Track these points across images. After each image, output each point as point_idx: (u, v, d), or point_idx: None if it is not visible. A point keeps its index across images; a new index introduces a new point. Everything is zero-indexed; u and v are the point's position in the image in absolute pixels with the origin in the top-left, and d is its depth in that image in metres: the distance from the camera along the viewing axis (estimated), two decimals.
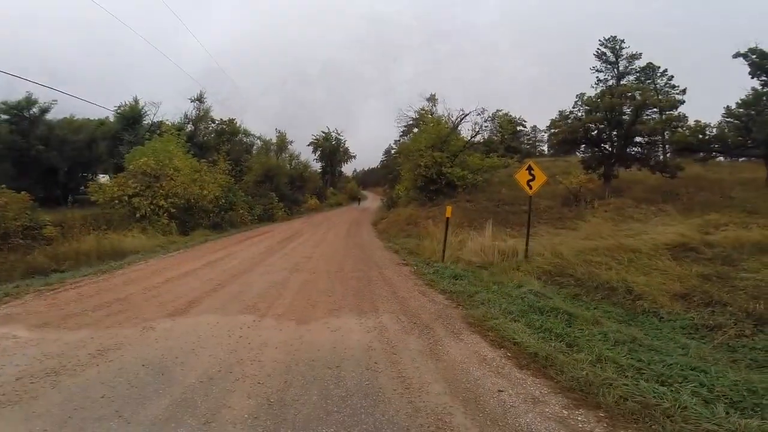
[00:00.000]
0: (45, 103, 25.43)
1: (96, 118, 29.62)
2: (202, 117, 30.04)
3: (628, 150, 19.19)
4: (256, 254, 10.36)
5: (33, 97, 24.79)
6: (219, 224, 17.62)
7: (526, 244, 8.20)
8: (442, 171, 20.25)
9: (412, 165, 21.65)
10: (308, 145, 57.44)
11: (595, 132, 19.75)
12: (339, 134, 59.88)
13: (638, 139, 19.09)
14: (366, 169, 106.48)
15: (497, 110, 24.99)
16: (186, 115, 29.08)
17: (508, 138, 29.08)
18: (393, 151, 46.09)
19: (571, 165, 23.89)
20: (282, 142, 40.52)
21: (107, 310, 5.11)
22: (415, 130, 29.82)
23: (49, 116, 26.50)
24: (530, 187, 8.30)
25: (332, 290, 6.46)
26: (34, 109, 25.26)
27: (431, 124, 23.12)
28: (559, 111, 21.63)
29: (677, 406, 2.73)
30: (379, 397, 3.00)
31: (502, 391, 3.10)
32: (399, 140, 38.11)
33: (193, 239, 14.08)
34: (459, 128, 23.11)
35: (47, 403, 2.80)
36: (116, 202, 14.98)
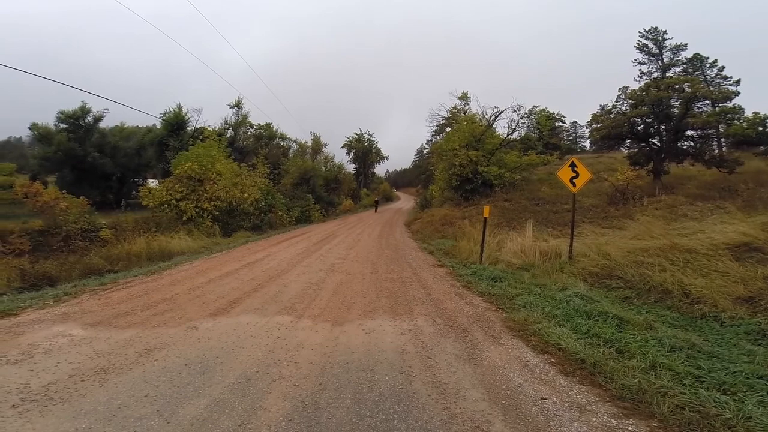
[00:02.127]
0: (98, 111, 27.39)
1: (144, 126, 31.54)
2: (241, 122, 31.16)
3: (678, 144, 18.00)
4: (293, 255, 10.54)
5: (87, 106, 26.75)
6: (259, 226, 18.16)
7: (570, 245, 7.81)
8: (477, 170, 19.81)
9: (447, 164, 21.34)
10: (342, 147, 58.48)
11: (642, 126, 18.67)
12: (371, 135, 60.51)
13: (690, 132, 17.88)
14: (398, 169, 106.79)
15: (534, 106, 24.16)
16: (226, 121, 30.30)
17: (546, 134, 28.07)
18: (425, 151, 45.84)
19: (616, 161, 22.71)
20: (317, 145, 41.32)
21: (154, 310, 5.32)
22: (448, 129, 29.44)
23: (101, 124, 28.54)
24: (574, 185, 7.91)
25: (366, 292, 6.45)
26: (89, 118, 27.21)
27: (464, 123, 22.69)
28: (601, 105, 20.68)
29: (740, 416, 2.54)
30: (412, 402, 2.93)
31: (545, 399, 2.96)
32: (431, 140, 37.85)
33: (235, 241, 14.53)
34: (494, 126, 22.54)
35: (94, 401, 2.89)
36: (164, 205, 15.83)
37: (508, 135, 22.17)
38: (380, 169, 75.66)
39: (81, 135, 26.78)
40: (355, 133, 59.60)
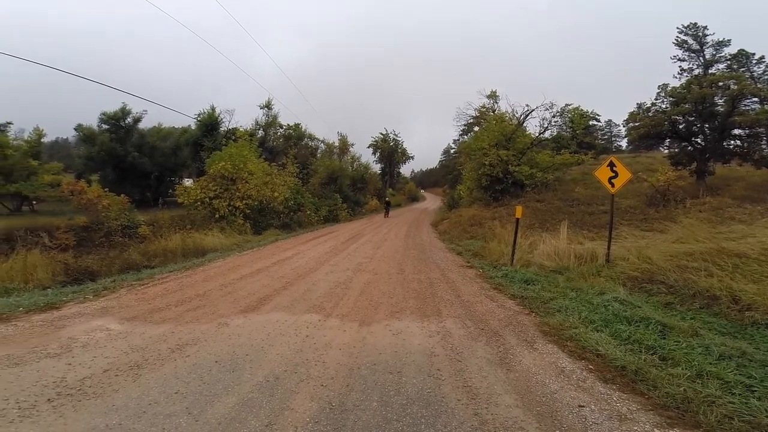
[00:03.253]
0: (137, 113, 28.64)
1: (179, 127, 32.73)
2: (271, 123, 31.79)
3: (724, 144, 16.96)
4: (321, 254, 10.64)
5: (127, 107, 28.04)
6: (288, 224, 18.48)
7: (608, 247, 7.47)
8: (508, 169, 19.37)
9: (475, 164, 20.98)
10: (368, 147, 58.64)
11: (684, 125, 17.72)
12: (396, 135, 60.35)
13: (737, 131, 16.81)
14: (424, 169, 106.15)
15: (566, 104, 23.33)
16: (257, 122, 31.01)
17: (580, 133, 27.10)
18: (452, 151, 45.30)
19: (655, 161, 21.67)
20: (344, 145, 41.67)
21: (188, 306, 5.45)
22: (476, 128, 28.96)
23: (140, 125, 29.86)
24: (612, 185, 7.56)
25: (393, 292, 6.39)
26: (129, 119, 28.52)
27: (494, 122, 22.23)
28: (638, 104, 19.71)
29: None
30: (441, 406, 2.85)
31: (583, 407, 2.84)
32: (458, 139, 37.33)
33: (265, 238, 14.83)
34: (524, 125, 21.96)
35: (126, 397, 2.92)
36: (199, 203, 16.37)
37: (539, 134, 21.56)
38: (406, 169, 75.33)
39: (122, 135, 28.11)
40: (381, 133, 59.67)
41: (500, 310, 5.46)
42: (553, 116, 21.63)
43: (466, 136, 33.68)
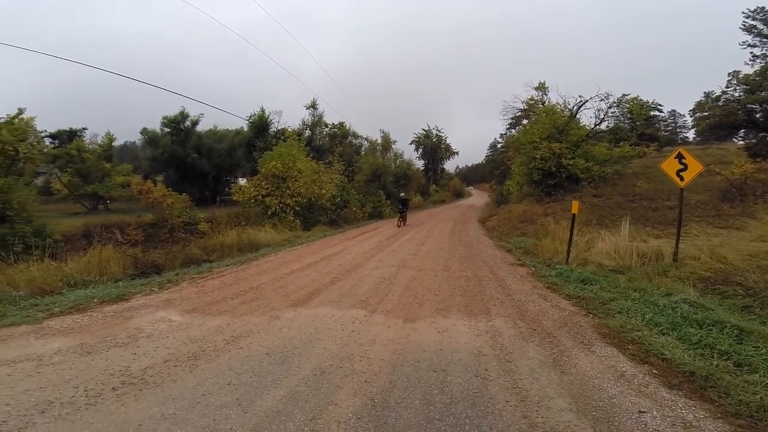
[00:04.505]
0: (194, 116, 30.45)
1: (233, 129, 34.40)
2: (317, 122, 32.58)
3: None
4: (367, 250, 10.75)
5: (185, 111, 29.88)
6: (335, 221, 18.90)
7: (676, 246, 6.87)
8: (561, 163, 18.40)
9: (526, 158, 20.13)
10: (410, 144, 58.30)
11: (761, 114, 15.94)
12: (439, 131, 59.45)
13: None
14: (469, 165, 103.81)
15: (623, 94, 21.67)
16: (303, 122, 31.92)
17: (641, 125, 25.13)
18: (499, 145, 43.85)
19: (728, 153, 19.65)
20: (386, 142, 41.76)
21: (243, 298, 5.70)
22: (525, 121, 27.80)
23: (198, 128, 31.71)
24: (681, 179, 6.92)
25: (439, 289, 6.31)
26: (187, 122, 30.39)
27: (543, 114, 21.19)
28: (705, 93, 18.00)
29: None
30: (488, 407, 2.77)
31: (644, 413, 2.68)
32: (505, 133, 36.03)
33: (314, 234, 15.29)
34: (578, 116, 20.72)
35: (182, 387, 3.02)
36: (252, 201, 17.18)
37: (595, 126, 20.23)
38: (450, 165, 74.21)
39: (182, 138, 30.00)
40: (423, 129, 59.11)
41: (554, 310, 5.20)
42: (609, 107, 20.14)
43: (513, 130, 32.47)
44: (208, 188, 31.78)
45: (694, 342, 3.79)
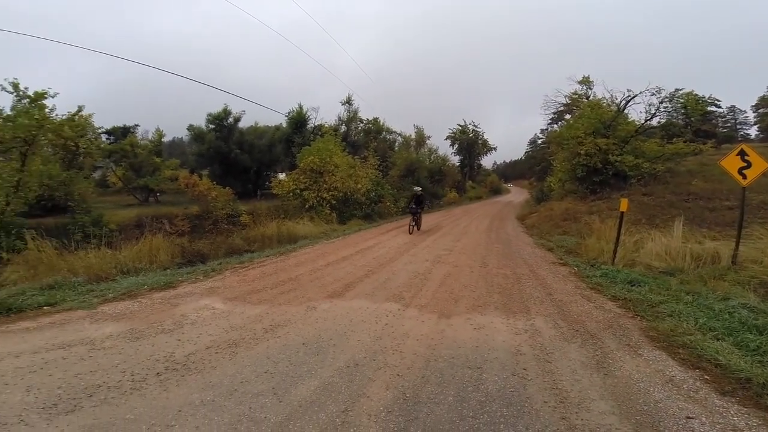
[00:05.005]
0: (237, 113, 31.59)
1: (272, 125, 35.37)
2: (352, 118, 32.92)
3: None
4: (401, 244, 10.72)
5: (228, 108, 31.04)
6: (369, 215, 19.05)
7: (736, 248, 6.35)
8: (608, 159, 17.44)
9: (568, 154, 19.26)
10: (445, 139, 57.38)
11: None
12: (476, 126, 58.08)
13: None
14: (507, 161, 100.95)
15: (676, 89, 20.10)
16: (339, 117, 32.33)
17: (696, 121, 23.30)
18: (540, 141, 42.30)
19: None
20: (420, 137, 41.48)
21: (281, 288, 5.85)
22: (567, 116, 26.59)
23: (240, 125, 32.87)
24: (744, 177, 6.37)
25: (475, 285, 6.18)
26: (230, 119, 31.57)
27: (588, 108, 20.15)
28: None
29: None
30: (524, 407, 2.69)
31: (692, 418, 2.56)
32: (546, 129, 34.64)
33: (349, 228, 15.46)
34: (626, 111, 19.51)
35: (222, 374, 3.09)
36: (291, 195, 17.66)
37: (645, 121, 18.99)
38: (488, 161, 72.36)
39: (225, 134, 31.28)
40: (459, 125, 57.89)
41: (598, 311, 4.95)
42: (661, 102, 18.80)
43: (555, 125, 31.17)
44: (249, 182, 32.92)
45: (753, 348, 3.56)
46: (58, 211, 16.25)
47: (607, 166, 17.62)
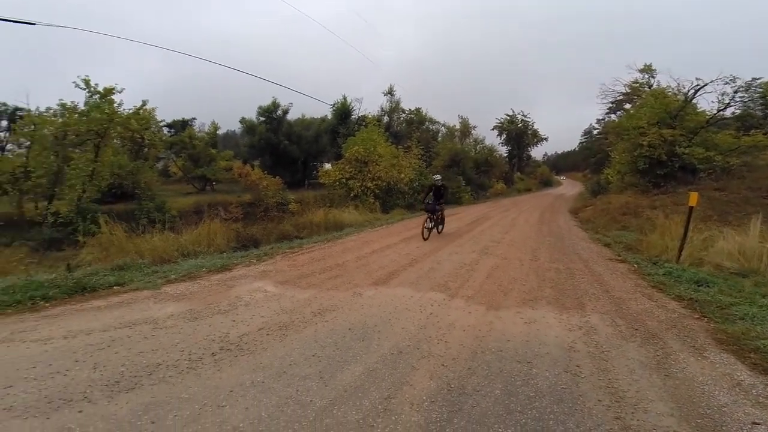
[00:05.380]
0: (285, 105, 32.52)
1: (319, 117, 36.07)
2: (394, 108, 32.87)
3: None
4: (445, 234, 10.58)
5: (277, 101, 32.00)
6: (413, 205, 18.97)
7: None
8: (674, 151, 16.10)
9: (629, 145, 17.97)
10: (492, 129, 55.45)
11: None
12: (525, 116, 55.56)
13: None
14: (559, 152, 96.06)
15: (753, 78, 17.97)
16: (382, 108, 32.38)
17: None
18: (596, 132, 39.73)
19: None
20: (465, 128, 40.49)
21: (329, 274, 5.99)
22: (627, 106, 24.75)
23: (288, 117, 33.81)
24: None
25: (526, 279, 5.99)
26: (279, 111, 32.55)
27: (652, 98, 18.63)
28: None
29: None
30: (576, 405, 2.59)
31: (758, 424, 2.44)
32: (604, 119, 32.43)
33: (393, 217, 15.51)
34: (695, 101, 17.83)
35: (272, 356, 3.17)
36: (337, 184, 18.00)
37: (718, 111, 17.24)
38: (538, 152, 69.27)
39: (275, 126, 32.35)
40: (507, 115, 55.65)
41: (660, 310, 4.64)
42: (736, 91, 16.97)
43: (614, 115, 29.13)
44: (297, 172, 33.88)
45: None
46: (125, 198, 17.72)
47: (672, 158, 16.29)
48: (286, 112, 33.13)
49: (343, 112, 29.94)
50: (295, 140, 32.72)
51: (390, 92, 32.52)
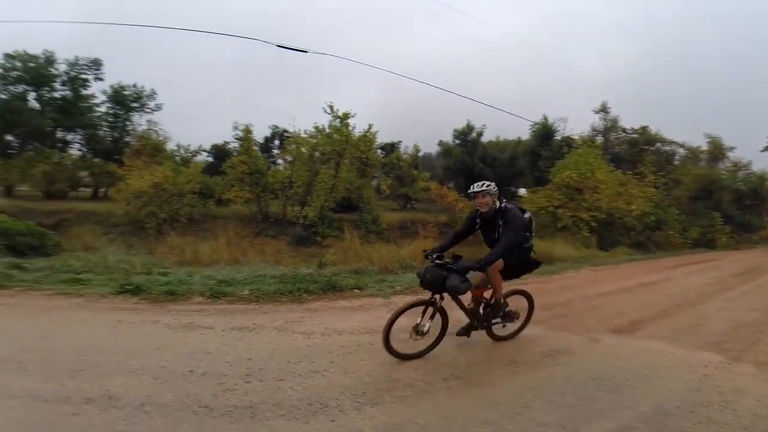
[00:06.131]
0: (479, 128, 32.63)
1: (513, 138, 34.69)
2: (610, 127, 28.60)
3: None
4: (702, 284, 8.35)
5: (471, 123, 32.37)
6: (643, 243, 15.76)
7: None
8: None
9: None
10: (762, 150, 41.10)
11: None
12: None
13: None
14: None
15: None
16: (593, 127, 28.59)
17: None
18: None
19: None
20: (716, 149, 31.32)
21: (552, 312, 5.41)
22: None
23: (481, 139, 33.74)
24: None
25: None
26: (473, 134, 32.88)
27: None
28: None
29: None
30: None
31: None
32: None
33: (615, 256, 13.41)
34: None
35: (504, 393, 3.02)
36: (543, 212, 16.59)
37: None
38: None
39: (469, 148, 32.84)
40: None
41: None
42: None
43: None
44: None
45: None
46: (348, 210, 20.95)
47: None
48: (480, 134, 33.24)
49: (544, 132, 27.87)
50: (490, 162, 32.37)
51: (603, 109, 28.62)
